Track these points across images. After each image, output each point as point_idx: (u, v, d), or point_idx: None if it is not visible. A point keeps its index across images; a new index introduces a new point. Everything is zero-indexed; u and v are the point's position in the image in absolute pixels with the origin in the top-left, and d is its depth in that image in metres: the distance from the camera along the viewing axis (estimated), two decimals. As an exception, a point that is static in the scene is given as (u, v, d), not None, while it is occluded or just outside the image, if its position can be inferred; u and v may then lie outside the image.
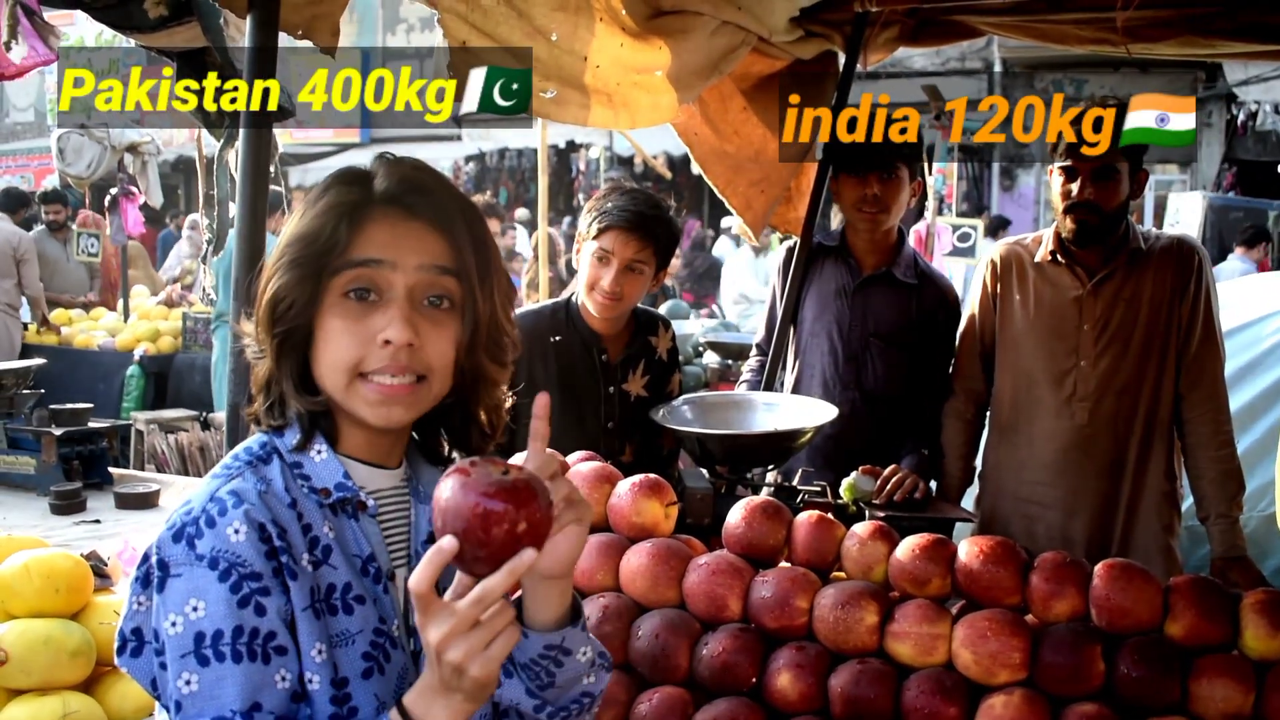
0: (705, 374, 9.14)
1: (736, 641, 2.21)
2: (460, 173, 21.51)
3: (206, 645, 1.37)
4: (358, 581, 1.50)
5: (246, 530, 1.40)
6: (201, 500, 1.44)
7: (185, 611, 1.37)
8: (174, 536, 1.41)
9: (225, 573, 1.38)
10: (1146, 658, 2.07)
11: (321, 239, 1.47)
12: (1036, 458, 3.47)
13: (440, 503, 1.29)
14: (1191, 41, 3.84)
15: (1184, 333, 3.35)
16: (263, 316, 1.50)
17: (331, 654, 1.45)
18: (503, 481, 1.29)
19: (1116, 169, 3.25)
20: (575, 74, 3.21)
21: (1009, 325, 3.51)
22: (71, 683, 2.42)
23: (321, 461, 1.52)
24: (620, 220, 3.13)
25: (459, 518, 1.27)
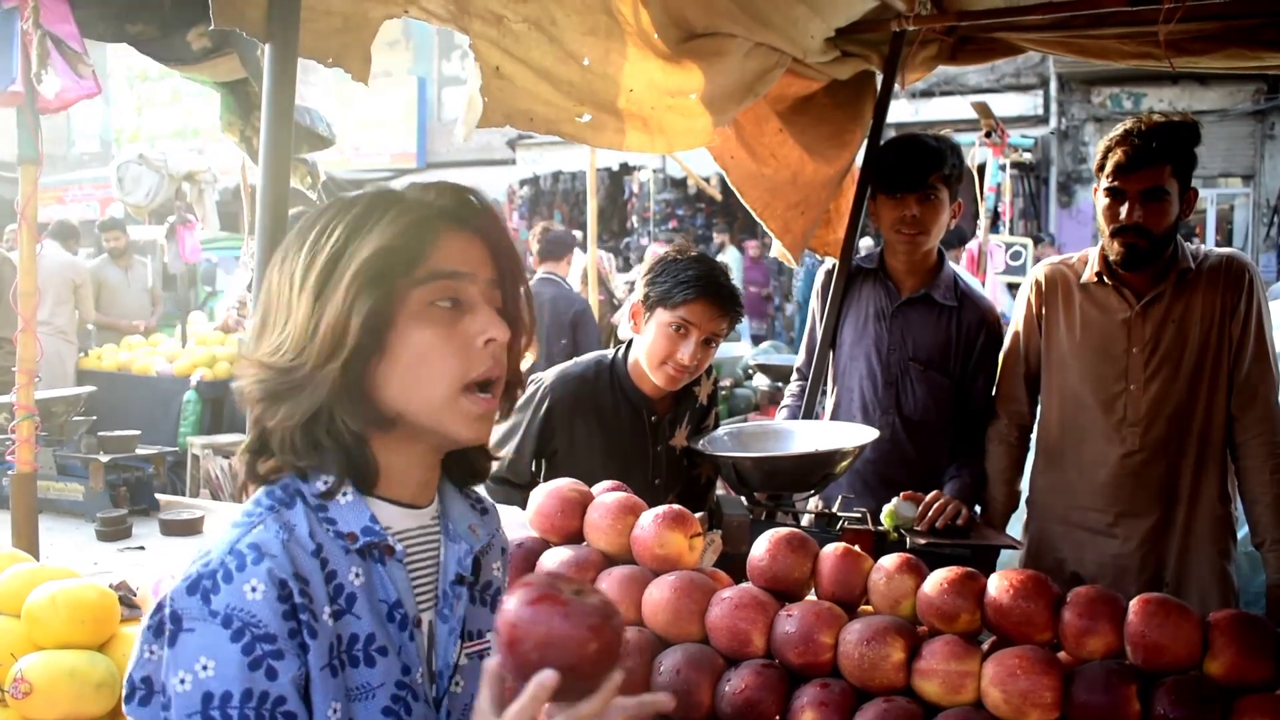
0: (755, 396, 9.11)
1: (759, 678, 2.16)
2: (515, 196, 21.66)
3: (214, 707, 1.33)
4: (382, 630, 1.46)
5: (265, 589, 1.35)
6: (220, 552, 1.39)
7: (195, 670, 1.33)
8: (189, 589, 1.36)
9: (239, 633, 1.34)
10: (1184, 698, 1.99)
11: (403, 251, 1.44)
12: (1086, 482, 3.39)
13: (531, 633, 1.28)
14: (1238, 54, 3.76)
15: (1235, 353, 3.25)
16: (327, 339, 1.41)
17: (348, 709, 1.42)
18: (598, 608, 1.31)
19: (1166, 190, 3.15)
20: (609, 98, 3.19)
21: (1055, 348, 3.43)
22: (96, 716, 2.41)
23: (348, 504, 1.47)
24: (705, 292, 3.04)
25: (563, 650, 1.28)
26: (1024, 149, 12.24)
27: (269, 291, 1.49)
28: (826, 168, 4.15)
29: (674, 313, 3.06)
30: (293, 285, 1.45)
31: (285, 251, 1.49)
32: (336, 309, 1.41)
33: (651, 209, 19.69)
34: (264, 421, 1.47)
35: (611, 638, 1.31)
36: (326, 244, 1.44)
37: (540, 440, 3.22)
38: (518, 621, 1.30)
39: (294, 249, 1.47)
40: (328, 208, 1.51)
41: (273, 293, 1.48)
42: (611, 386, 3.24)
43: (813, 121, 4.08)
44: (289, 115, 2.80)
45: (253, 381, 1.46)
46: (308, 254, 1.45)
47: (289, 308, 1.45)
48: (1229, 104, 16.95)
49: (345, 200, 1.51)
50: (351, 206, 1.48)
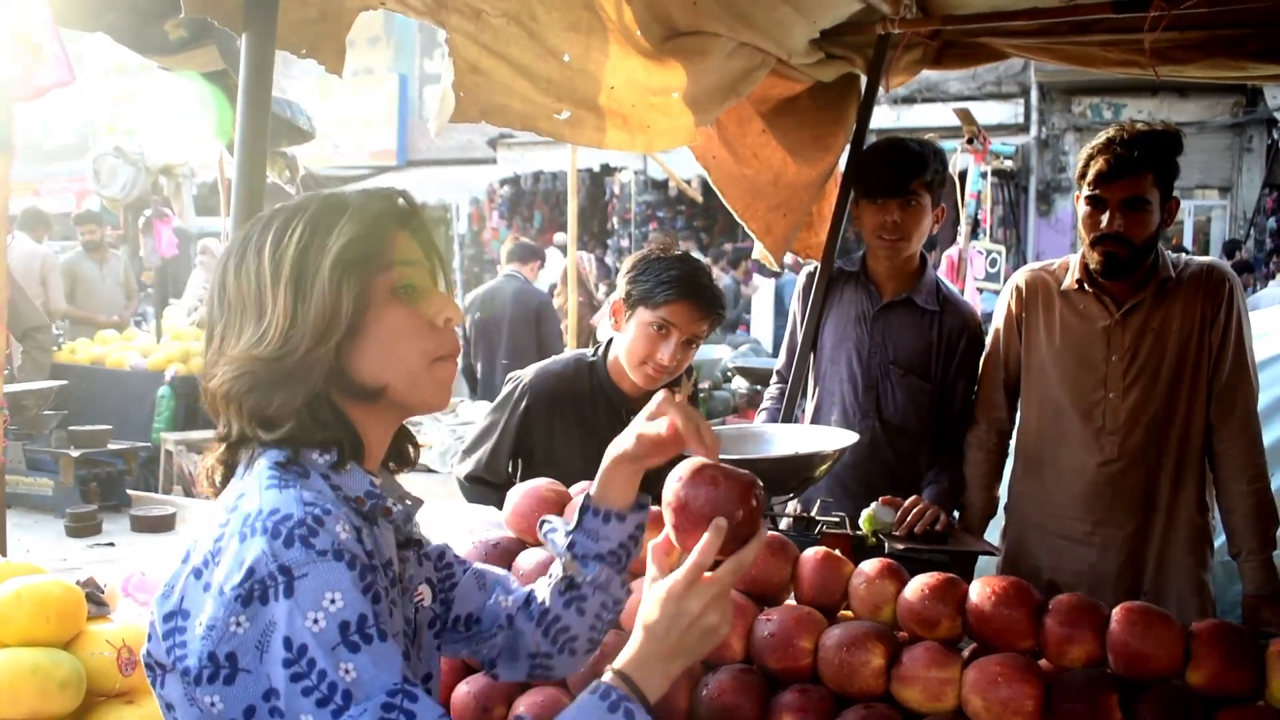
0: (734, 399, 9.09)
1: (737, 682, 2.13)
2: (495, 196, 21.61)
3: (353, 632, 1.38)
4: (389, 587, 1.54)
5: (350, 529, 1.44)
6: (292, 504, 1.44)
7: (324, 606, 1.38)
8: (285, 542, 1.40)
9: (351, 562, 1.41)
10: (1166, 707, 1.97)
11: (373, 241, 1.55)
12: (1064, 490, 3.38)
13: (702, 494, 1.58)
14: (1222, 64, 3.75)
15: (1214, 362, 3.24)
16: (316, 324, 1.50)
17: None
18: (745, 476, 1.61)
19: (1147, 199, 3.14)
20: (590, 95, 3.15)
21: (1034, 354, 3.42)
22: (60, 714, 2.36)
23: (348, 471, 1.57)
24: (687, 293, 3.01)
25: (729, 503, 1.56)
26: (1005, 156, 12.26)
27: (229, 293, 1.55)
28: (809, 170, 4.12)
29: (655, 312, 3.03)
30: (262, 281, 1.52)
31: (239, 256, 1.56)
32: (324, 295, 1.50)
33: (632, 211, 19.67)
34: (262, 411, 1.52)
35: (759, 498, 1.60)
36: (291, 240, 1.53)
37: (518, 439, 3.19)
38: (686, 489, 1.60)
39: (252, 251, 1.55)
40: (275, 214, 1.58)
41: (237, 293, 1.55)
42: (591, 385, 3.21)
43: (796, 123, 4.05)
44: (266, 106, 2.75)
45: (235, 376, 1.52)
46: (273, 251, 1.53)
47: (261, 302, 1.52)
48: (1207, 116, 17.05)
49: (291, 205, 1.59)
50: (302, 209, 1.57)
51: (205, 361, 1.59)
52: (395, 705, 1.37)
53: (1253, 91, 16.71)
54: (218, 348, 1.55)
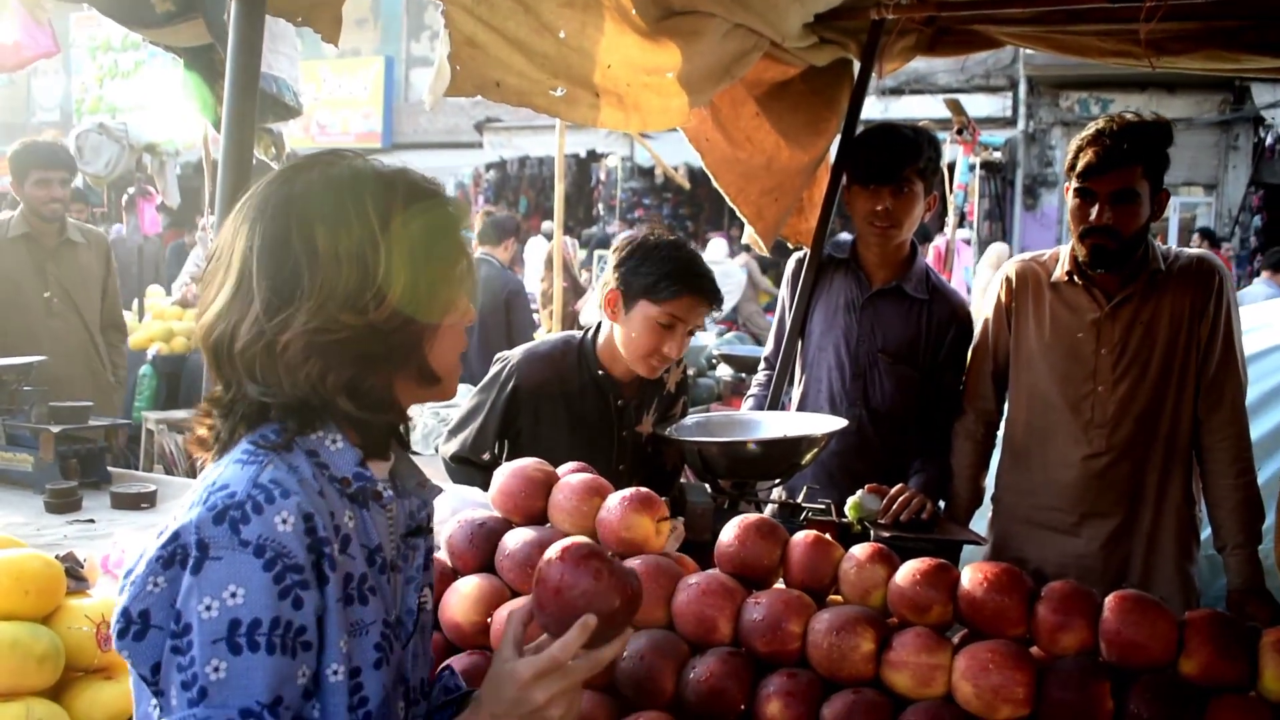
0: (718, 387, 9.06)
1: (725, 666, 2.11)
2: (481, 180, 21.53)
3: (241, 633, 1.36)
4: (370, 572, 1.53)
5: (294, 521, 1.40)
6: (243, 485, 1.42)
7: (223, 597, 1.36)
8: (215, 519, 1.39)
9: (271, 562, 1.38)
10: (1158, 697, 1.95)
11: (460, 234, 1.62)
12: (1052, 482, 3.37)
13: (578, 584, 1.54)
14: (1217, 55, 3.74)
15: (1203, 354, 3.23)
16: (429, 305, 1.53)
17: (349, 644, 1.48)
18: (632, 573, 1.60)
19: (1136, 191, 3.12)
20: (585, 73, 3.12)
21: (1024, 346, 3.40)
22: (38, 688, 2.33)
23: (338, 450, 1.54)
24: (693, 287, 3.00)
25: (606, 602, 1.53)
26: (994, 148, 12.28)
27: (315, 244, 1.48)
28: (801, 154, 4.10)
29: (661, 308, 3.00)
30: (368, 243, 1.48)
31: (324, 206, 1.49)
32: (443, 277, 1.56)
33: (619, 197, 19.64)
34: (358, 382, 1.51)
35: (636, 598, 1.59)
36: (395, 210, 1.51)
37: (504, 420, 3.16)
38: (563, 574, 1.55)
39: (348, 207, 1.49)
40: (359, 174, 1.54)
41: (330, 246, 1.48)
42: (579, 368, 3.18)
43: (789, 108, 4.03)
44: (254, 79, 2.72)
45: (331, 340, 1.48)
46: (380, 216, 1.50)
47: (366, 265, 1.48)
48: (1194, 113, 17.10)
49: (368, 169, 1.56)
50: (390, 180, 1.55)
51: (226, 315, 1.50)
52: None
53: (1240, 89, 16.78)
54: (270, 300, 1.47)
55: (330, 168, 1.54)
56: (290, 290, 1.46)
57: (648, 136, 12.53)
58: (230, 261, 1.51)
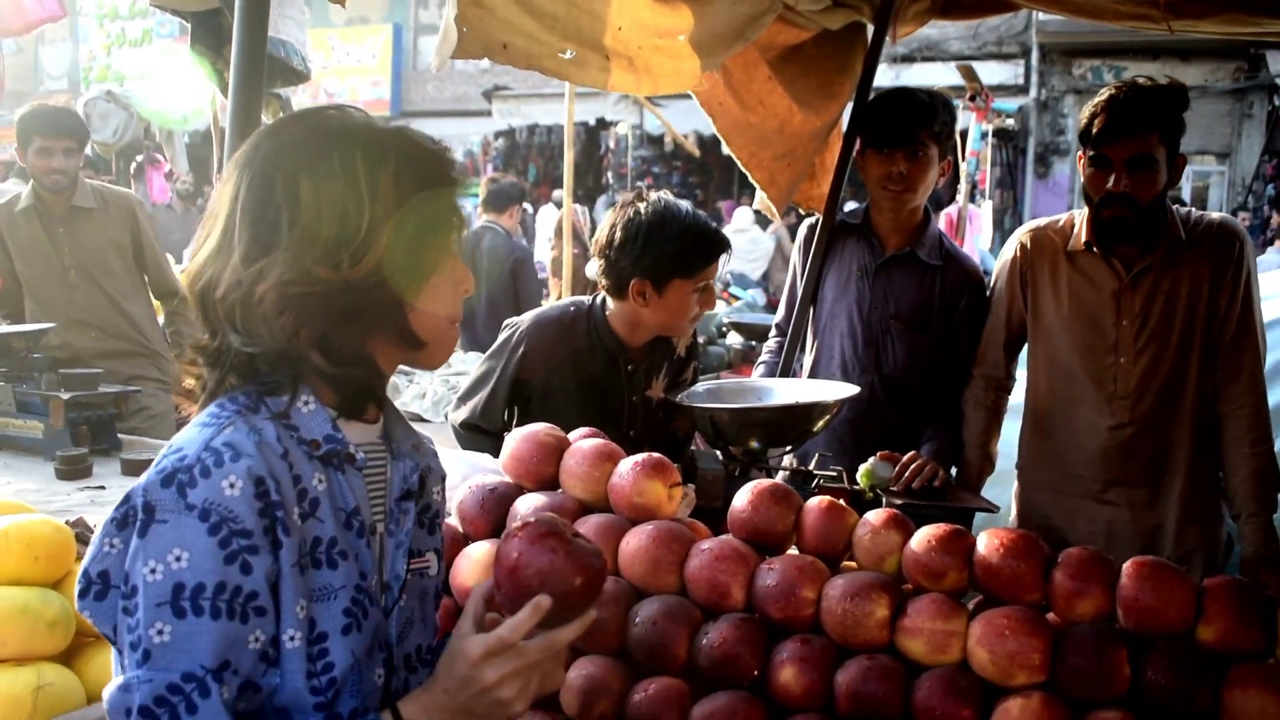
0: (728, 355, 9.04)
1: (738, 632, 2.10)
2: (490, 148, 21.47)
3: (185, 597, 1.36)
4: (342, 536, 1.52)
5: (243, 485, 1.39)
6: (195, 448, 1.41)
7: (168, 560, 1.36)
8: (163, 481, 1.39)
9: (216, 526, 1.37)
10: (1176, 664, 1.94)
11: (452, 197, 1.57)
12: (1076, 451, 3.32)
13: (534, 563, 1.48)
14: (1237, 19, 3.67)
15: (1221, 321, 3.18)
16: (408, 266, 1.50)
17: (311, 609, 1.47)
18: (592, 552, 1.53)
19: (1154, 157, 3.05)
20: (595, 35, 3.09)
21: (1042, 317, 3.35)
22: (48, 654, 2.33)
23: (309, 413, 1.52)
24: (715, 249, 3.02)
25: (561, 581, 1.48)
26: (1007, 114, 12.19)
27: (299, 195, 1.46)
28: (814, 119, 4.06)
29: (695, 280, 3.01)
30: (353, 199, 1.46)
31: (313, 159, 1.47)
32: (424, 238, 1.51)
33: (628, 165, 19.55)
34: (330, 339, 1.49)
35: (597, 578, 1.52)
36: (385, 169, 1.48)
37: (514, 386, 3.14)
38: (520, 552, 1.49)
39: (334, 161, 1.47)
40: (352, 130, 1.51)
41: (314, 199, 1.46)
42: (588, 333, 3.16)
43: (801, 71, 3.98)
44: (262, 43, 2.69)
45: (305, 293, 1.45)
46: (368, 173, 1.47)
47: (347, 220, 1.45)
48: (1208, 81, 16.96)
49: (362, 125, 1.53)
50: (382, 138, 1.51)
51: (210, 264, 1.49)
52: (181, 691, 1.35)
53: (1255, 57, 16.64)
54: (249, 250, 1.46)
55: (325, 120, 1.53)
56: (269, 241, 1.45)
57: (658, 103, 12.47)
58: (218, 210, 1.51)
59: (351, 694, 1.50)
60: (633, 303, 3.06)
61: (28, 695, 2.23)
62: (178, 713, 1.34)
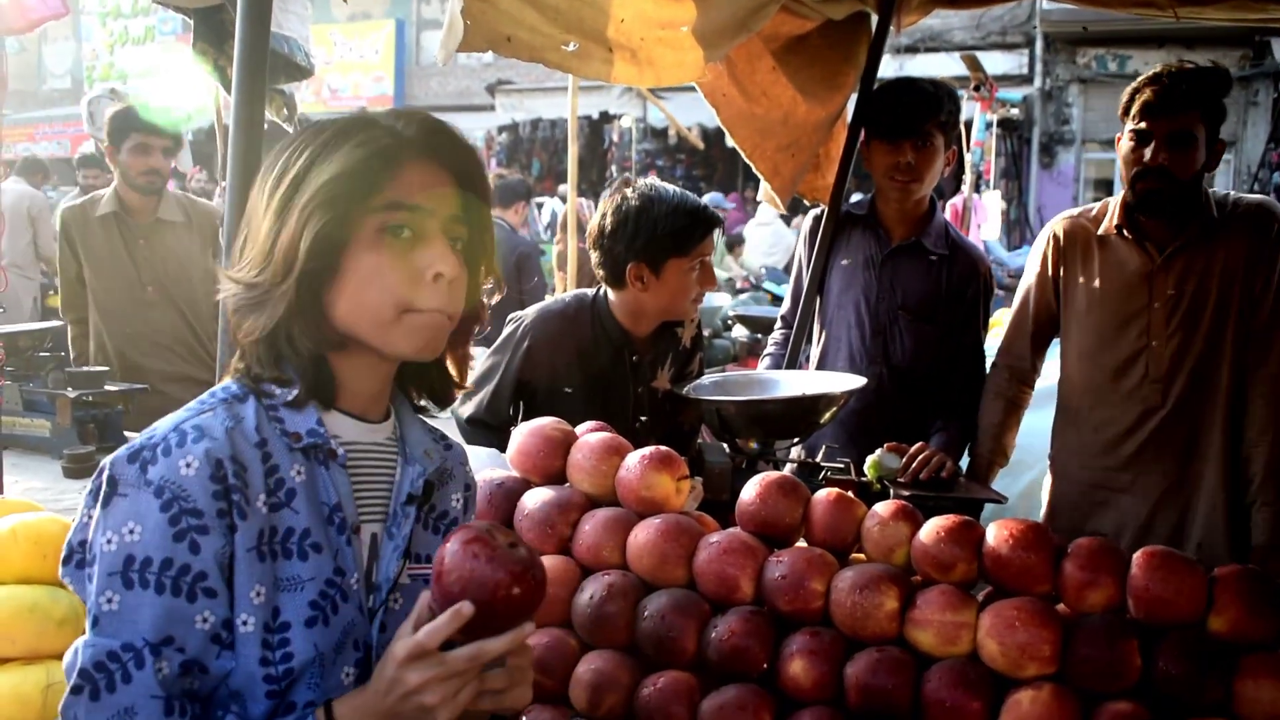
0: (734, 347, 9.03)
1: (747, 624, 2.09)
2: (493, 143, 21.46)
3: (134, 569, 1.40)
4: (320, 529, 1.53)
5: (199, 466, 1.42)
6: (165, 428, 1.46)
7: (122, 532, 1.41)
8: (130, 457, 1.44)
9: (168, 504, 1.41)
10: (1187, 654, 1.93)
11: (360, 178, 1.48)
12: (1107, 441, 3.29)
13: (458, 568, 1.42)
14: (1242, 6, 3.65)
15: (1255, 303, 3.14)
16: (281, 258, 1.48)
17: (274, 597, 1.48)
18: (524, 560, 1.46)
19: (1194, 135, 3.04)
20: (598, 27, 3.07)
21: (1073, 304, 3.32)
22: (58, 652, 2.32)
23: (301, 409, 1.55)
24: (708, 226, 3.03)
25: (482, 588, 1.41)
26: (1012, 104, 12.15)
27: (248, 210, 1.56)
28: (819, 109, 4.04)
29: (690, 257, 3.02)
30: (259, 205, 1.52)
31: (264, 172, 1.55)
32: (290, 229, 1.47)
33: (632, 159, 19.53)
34: (233, 333, 1.55)
35: (529, 589, 1.45)
36: (292, 166, 1.50)
37: (520, 380, 3.14)
38: (448, 557, 1.44)
39: (267, 170, 1.54)
40: (303, 132, 1.55)
41: (249, 211, 1.55)
42: (593, 325, 3.15)
43: (806, 62, 3.96)
44: (265, 39, 2.68)
45: (228, 296, 1.54)
46: (275, 175, 1.52)
47: (253, 226, 1.53)
48: (1213, 68, 16.89)
49: (319, 124, 1.55)
50: (322, 131, 1.53)
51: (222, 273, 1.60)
52: (119, 659, 1.39)
53: (1260, 45, 16.57)
54: (229, 262, 1.58)
55: (302, 128, 1.58)
56: (238, 254, 1.54)
57: (661, 96, 12.45)
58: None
59: (310, 687, 1.50)
60: (632, 289, 3.06)
61: (37, 694, 2.23)
62: (113, 680, 1.39)
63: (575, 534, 2.28)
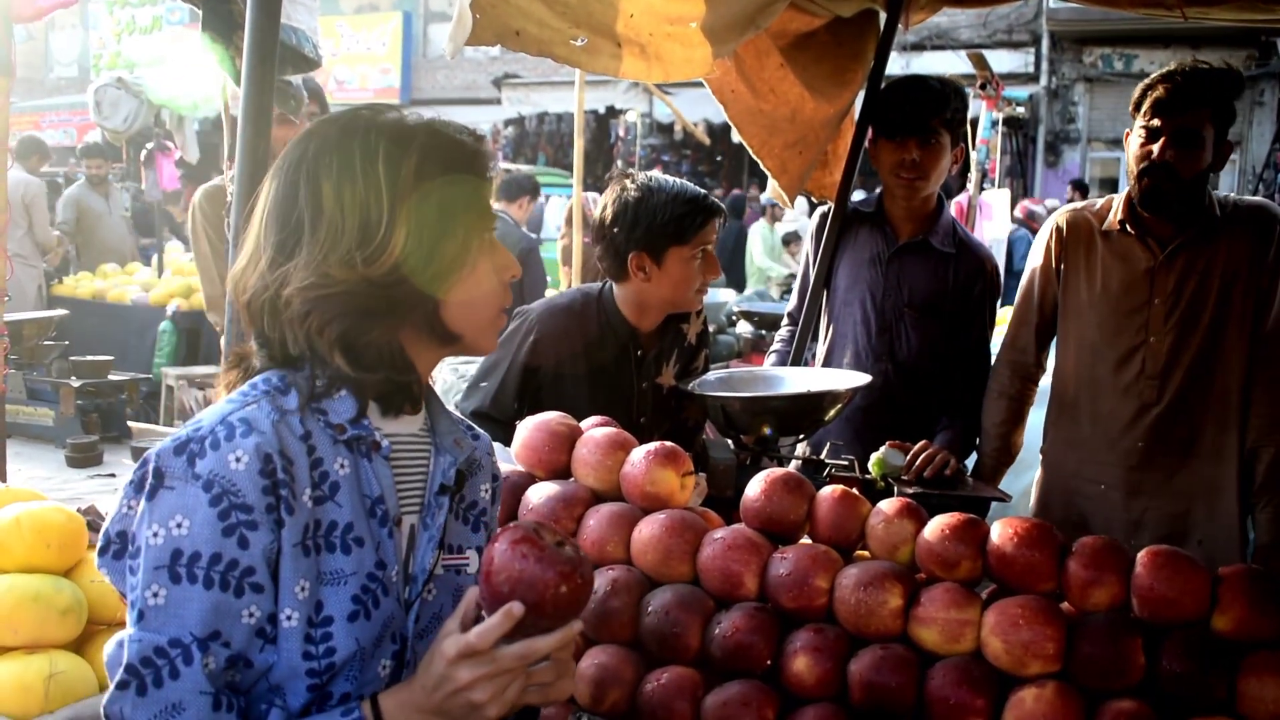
0: (738, 344, 9.02)
1: (751, 621, 2.09)
2: (499, 136, 21.45)
3: (182, 563, 1.39)
4: (362, 522, 1.53)
5: (249, 461, 1.42)
6: (212, 420, 1.45)
7: (169, 525, 1.40)
8: (176, 449, 1.43)
9: (217, 498, 1.40)
10: (1191, 652, 1.93)
11: (485, 189, 1.59)
12: (1101, 436, 3.30)
13: (507, 567, 1.44)
14: (1249, 6, 3.65)
15: (1260, 305, 3.14)
16: (436, 263, 1.51)
17: (317, 591, 1.49)
18: (571, 558, 1.48)
19: (1201, 134, 3.06)
20: (607, 22, 3.08)
21: (1073, 297, 3.33)
22: (61, 642, 2.33)
23: (340, 399, 1.54)
24: (708, 212, 3.02)
25: (532, 588, 1.43)
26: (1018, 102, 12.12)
27: (321, 198, 1.49)
28: (826, 106, 4.04)
29: (691, 246, 3.01)
30: (373, 197, 1.49)
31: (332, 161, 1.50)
32: (450, 232, 1.52)
33: (637, 153, 19.51)
34: (353, 338, 1.50)
35: (577, 587, 1.47)
36: (407, 164, 1.50)
37: (524, 375, 3.14)
38: (497, 557, 1.46)
39: (356, 161, 1.50)
40: (372, 127, 1.53)
41: (335, 201, 1.49)
42: (598, 320, 3.15)
43: (814, 59, 3.96)
44: (274, 30, 2.69)
45: (325, 294, 1.48)
46: (388, 170, 1.49)
47: (368, 219, 1.48)
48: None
49: (388, 122, 1.54)
50: (409, 134, 1.53)
51: (243, 271, 1.55)
52: (167, 655, 1.39)
53: (1266, 45, 16.56)
54: (274, 257, 1.51)
55: (353, 120, 1.55)
56: (293, 245, 1.50)
57: (668, 91, 12.43)
58: (254, 216, 1.56)
59: (348, 679, 1.51)
60: (635, 280, 3.06)
61: (40, 683, 2.23)
62: (161, 676, 1.38)
63: (580, 529, 2.28)
